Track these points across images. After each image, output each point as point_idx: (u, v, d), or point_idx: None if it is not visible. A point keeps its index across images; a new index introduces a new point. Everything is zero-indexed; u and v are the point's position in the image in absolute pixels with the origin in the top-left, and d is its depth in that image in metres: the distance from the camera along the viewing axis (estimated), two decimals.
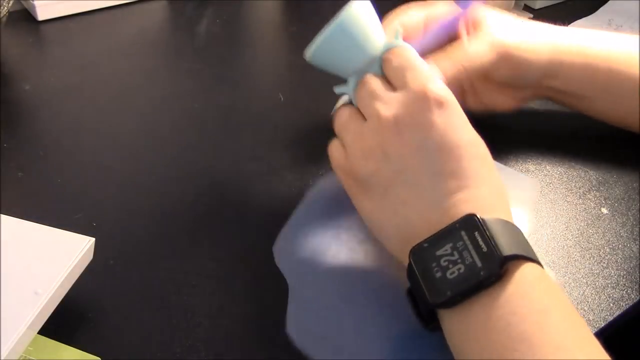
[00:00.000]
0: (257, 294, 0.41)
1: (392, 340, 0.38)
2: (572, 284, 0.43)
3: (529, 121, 0.57)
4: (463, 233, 0.34)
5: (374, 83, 0.41)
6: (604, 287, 0.43)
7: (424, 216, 0.37)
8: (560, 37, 0.51)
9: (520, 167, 0.52)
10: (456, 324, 0.34)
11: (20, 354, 0.34)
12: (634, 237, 0.47)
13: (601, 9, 0.77)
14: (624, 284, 0.43)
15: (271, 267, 0.43)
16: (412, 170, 0.38)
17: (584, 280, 0.43)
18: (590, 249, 0.45)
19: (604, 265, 0.44)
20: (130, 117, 0.56)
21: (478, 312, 0.33)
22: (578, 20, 0.74)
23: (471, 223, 0.34)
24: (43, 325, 0.35)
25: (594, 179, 0.52)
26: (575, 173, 0.52)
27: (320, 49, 0.42)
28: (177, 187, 0.49)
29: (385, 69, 0.41)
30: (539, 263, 0.34)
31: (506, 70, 0.49)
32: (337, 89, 0.44)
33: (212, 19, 0.72)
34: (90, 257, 0.38)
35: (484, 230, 0.34)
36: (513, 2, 0.73)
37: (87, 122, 0.55)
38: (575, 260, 0.45)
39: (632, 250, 0.45)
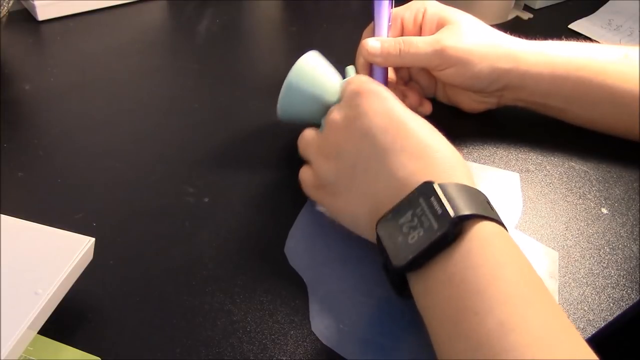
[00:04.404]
0: (257, 294, 0.41)
1: (418, 327, 0.38)
2: (572, 284, 0.43)
3: (529, 121, 0.57)
4: (421, 200, 0.36)
5: (334, 110, 0.45)
6: (604, 287, 0.43)
7: (388, 193, 0.39)
8: (524, 49, 0.51)
9: (521, 167, 0.52)
10: (421, 285, 0.36)
11: (20, 354, 0.34)
12: (634, 237, 0.47)
13: (601, 9, 0.77)
14: (624, 284, 0.43)
15: (271, 267, 0.43)
16: (366, 156, 0.41)
17: (584, 280, 0.43)
18: (590, 249, 0.45)
19: (604, 265, 0.44)
20: (130, 117, 0.56)
21: (437, 271, 0.34)
22: (578, 20, 0.74)
23: (428, 189, 0.36)
24: (43, 325, 0.35)
25: (594, 179, 0.52)
26: (575, 173, 0.52)
27: (282, 108, 0.48)
28: (177, 187, 0.49)
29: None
30: (498, 221, 0.36)
31: (450, 70, 0.50)
32: None
33: (212, 19, 0.72)
34: (90, 257, 0.38)
35: (439, 194, 0.35)
36: (513, 2, 0.73)
37: (87, 121, 0.55)
38: (575, 260, 0.45)
39: (632, 250, 0.45)
